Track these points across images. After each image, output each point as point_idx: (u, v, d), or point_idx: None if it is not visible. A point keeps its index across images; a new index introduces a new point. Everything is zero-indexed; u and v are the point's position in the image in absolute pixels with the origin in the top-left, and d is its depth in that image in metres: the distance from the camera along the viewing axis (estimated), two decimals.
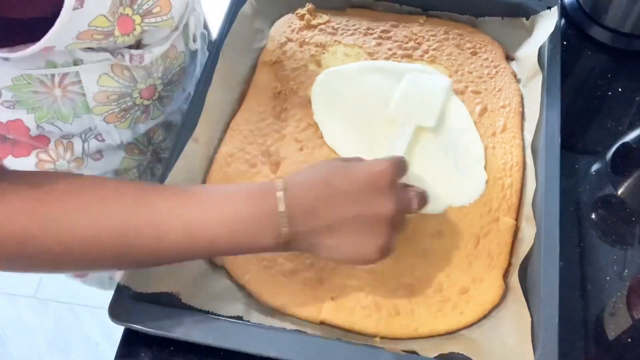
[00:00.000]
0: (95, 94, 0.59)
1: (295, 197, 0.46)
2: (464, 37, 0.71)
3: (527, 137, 0.63)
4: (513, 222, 0.58)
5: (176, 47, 0.64)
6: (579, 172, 0.67)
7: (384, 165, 0.47)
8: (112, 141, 0.67)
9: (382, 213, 0.46)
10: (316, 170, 0.49)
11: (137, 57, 0.58)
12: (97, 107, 0.61)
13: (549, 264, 0.52)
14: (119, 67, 0.59)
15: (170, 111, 0.71)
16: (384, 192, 0.46)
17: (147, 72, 0.62)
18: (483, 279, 0.54)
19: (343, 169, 0.48)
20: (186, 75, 0.70)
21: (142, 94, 0.64)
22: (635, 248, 0.61)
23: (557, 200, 0.55)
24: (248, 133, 0.63)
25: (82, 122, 0.62)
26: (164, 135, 0.74)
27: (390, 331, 0.52)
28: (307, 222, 0.46)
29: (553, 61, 0.65)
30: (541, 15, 0.68)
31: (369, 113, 0.65)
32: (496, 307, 0.53)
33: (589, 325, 0.57)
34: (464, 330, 0.53)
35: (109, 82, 0.59)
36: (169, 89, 0.68)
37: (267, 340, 0.49)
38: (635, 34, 0.76)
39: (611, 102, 0.72)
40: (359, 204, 0.46)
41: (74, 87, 0.58)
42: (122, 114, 0.64)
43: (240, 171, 0.61)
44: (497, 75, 0.68)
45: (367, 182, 0.46)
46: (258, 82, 0.68)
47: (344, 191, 0.46)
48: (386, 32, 0.72)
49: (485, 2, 0.71)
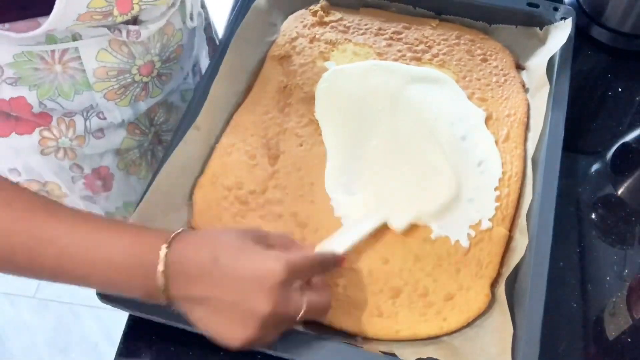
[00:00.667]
0: (94, 69, 0.61)
1: (177, 262, 0.44)
2: (475, 43, 0.71)
3: (530, 148, 0.62)
4: (506, 233, 0.57)
5: (173, 24, 0.65)
6: (579, 172, 0.67)
7: (276, 266, 0.44)
8: (114, 119, 0.68)
9: (256, 310, 0.44)
10: (210, 239, 0.47)
11: (133, 33, 0.59)
12: (97, 83, 0.62)
13: (537, 277, 0.51)
14: (117, 42, 0.60)
15: (170, 90, 0.73)
16: (265, 291, 0.43)
17: (145, 48, 0.63)
18: (470, 286, 0.54)
19: (236, 250, 0.45)
20: (184, 54, 0.71)
21: (140, 70, 0.65)
22: (635, 248, 0.61)
23: (552, 213, 0.54)
24: (250, 125, 0.64)
25: (82, 99, 0.63)
26: (165, 117, 0.75)
27: (371, 331, 0.52)
28: (183, 288, 0.44)
29: (562, 73, 0.64)
30: (555, 26, 0.68)
31: (370, 118, 0.64)
32: (481, 316, 0.53)
33: (589, 325, 0.57)
34: (446, 337, 0.52)
35: (107, 58, 0.61)
36: (168, 66, 0.69)
37: None
38: (635, 34, 0.76)
39: (611, 102, 0.72)
40: (236, 293, 0.44)
41: (74, 63, 0.60)
42: (121, 91, 0.65)
43: (239, 162, 0.61)
44: (506, 83, 0.67)
45: (252, 276, 0.44)
46: (265, 76, 0.68)
47: (226, 274, 0.44)
48: (397, 33, 0.72)
49: (500, 9, 0.70)
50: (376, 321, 0.53)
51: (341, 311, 0.53)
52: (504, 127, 0.64)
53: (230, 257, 0.45)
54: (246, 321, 0.44)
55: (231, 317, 0.44)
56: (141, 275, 0.44)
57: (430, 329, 0.52)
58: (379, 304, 0.53)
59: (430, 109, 0.65)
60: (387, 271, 0.55)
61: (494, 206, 0.58)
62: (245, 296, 0.44)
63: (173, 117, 0.77)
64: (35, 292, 1.49)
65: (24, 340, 1.45)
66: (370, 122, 0.64)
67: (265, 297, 0.43)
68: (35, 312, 1.48)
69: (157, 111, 0.74)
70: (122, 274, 0.44)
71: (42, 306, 1.49)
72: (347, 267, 0.55)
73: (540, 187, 0.56)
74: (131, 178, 0.77)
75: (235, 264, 0.44)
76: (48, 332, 1.46)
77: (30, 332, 1.46)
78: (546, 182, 0.56)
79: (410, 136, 0.63)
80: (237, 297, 0.44)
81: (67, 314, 1.48)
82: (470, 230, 0.57)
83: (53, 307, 1.49)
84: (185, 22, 0.68)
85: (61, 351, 1.43)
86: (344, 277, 0.55)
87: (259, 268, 0.44)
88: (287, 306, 0.45)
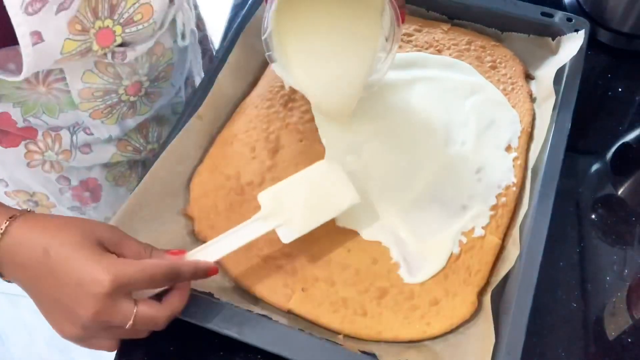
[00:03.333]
0: (79, 90, 0.60)
1: (9, 244, 0.44)
2: (485, 50, 0.70)
3: (532, 158, 0.61)
4: (498, 242, 0.57)
5: (163, 44, 0.64)
6: (579, 172, 0.66)
7: (102, 277, 0.43)
8: (100, 135, 0.67)
9: (76, 313, 0.43)
10: (50, 228, 0.45)
11: (119, 55, 0.58)
12: (82, 103, 0.61)
13: (524, 289, 0.51)
14: (103, 64, 0.59)
15: (160, 106, 0.71)
16: (88, 299, 0.43)
17: (132, 69, 0.62)
18: (457, 293, 0.54)
19: (71, 249, 0.44)
20: (175, 71, 0.70)
21: (127, 90, 0.64)
22: (635, 248, 0.61)
23: (545, 226, 0.54)
24: (253, 117, 0.64)
25: (68, 116, 0.62)
26: (158, 131, 0.74)
27: (354, 330, 0.52)
28: (12, 271, 0.45)
29: (570, 85, 0.63)
30: (568, 37, 0.67)
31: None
32: (465, 323, 0.53)
33: (589, 325, 0.57)
34: (428, 341, 0.52)
35: (93, 79, 0.60)
36: (156, 85, 0.68)
37: (229, 320, 0.50)
38: (635, 34, 0.76)
39: (611, 102, 0.72)
40: (59, 292, 0.44)
41: (59, 84, 0.58)
42: (108, 110, 0.64)
43: (239, 153, 0.62)
44: (512, 92, 0.67)
45: (76, 281, 0.43)
46: (273, 70, 0.68)
47: (53, 270, 0.44)
48: (408, 35, 0.71)
49: (513, 17, 0.70)
50: (360, 320, 0.53)
51: (326, 308, 0.53)
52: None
53: (61, 255, 0.44)
54: (70, 319, 0.44)
55: (56, 311, 0.45)
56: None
57: (412, 333, 0.52)
58: (364, 303, 0.53)
59: (423, 109, 0.64)
60: (375, 271, 0.55)
61: (489, 215, 0.58)
62: (67, 298, 0.43)
63: (166, 130, 0.75)
64: None
65: (24, 340, 1.45)
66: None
67: (86, 304, 0.43)
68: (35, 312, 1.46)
69: (149, 127, 0.72)
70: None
71: None
72: (337, 264, 0.55)
73: (537, 200, 0.56)
74: (120, 189, 0.76)
75: (65, 263, 0.43)
76: (48, 332, 1.45)
77: (30, 332, 1.46)
78: (543, 194, 0.56)
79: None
80: (60, 296, 0.44)
81: None
82: (462, 236, 0.57)
83: None
84: (176, 41, 0.66)
85: (61, 351, 1.43)
86: (333, 275, 0.55)
87: (84, 277, 0.43)
88: (110, 315, 0.43)
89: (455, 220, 0.57)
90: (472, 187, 0.60)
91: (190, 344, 0.54)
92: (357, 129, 0.63)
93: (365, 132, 0.63)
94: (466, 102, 0.65)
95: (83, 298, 0.43)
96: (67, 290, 0.43)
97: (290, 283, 0.54)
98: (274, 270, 0.55)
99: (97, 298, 0.43)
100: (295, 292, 0.54)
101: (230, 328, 0.50)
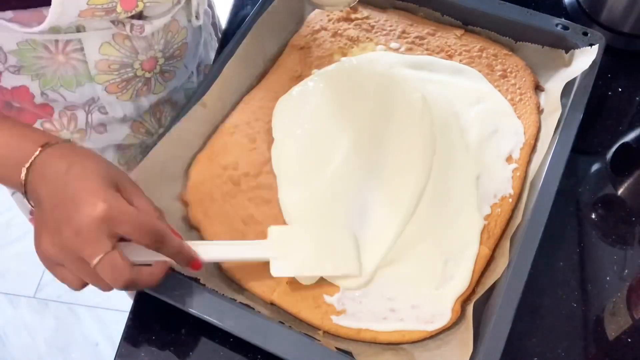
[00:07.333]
0: (96, 61, 0.61)
1: (40, 162, 0.48)
2: (497, 58, 0.69)
3: (532, 170, 0.61)
4: (488, 252, 0.56)
5: (178, 22, 0.66)
6: (579, 172, 0.66)
7: (98, 203, 0.44)
8: (115, 114, 0.68)
9: (61, 230, 0.45)
10: (78, 154, 0.49)
11: (137, 28, 0.60)
12: (98, 75, 0.63)
13: (508, 301, 0.50)
14: (121, 36, 0.61)
15: (173, 87, 0.73)
16: (77, 216, 0.44)
17: (148, 43, 0.63)
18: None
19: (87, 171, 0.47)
20: (188, 52, 0.71)
21: (143, 65, 0.65)
22: (635, 248, 0.61)
23: (536, 241, 0.53)
24: (257, 109, 0.65)
25: (84, 90, 0.64)
26: (172, 116, 0.75)
27: (333, 327, 0.53)
28: (34, 185, 0.48)
29: (579, 99, 0.63)
30: (581, 50, 0.66)
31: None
32: (446, 330, 0.53)
33: (589, 325, 0.57)
34: (407, 345, 0.52)
35: (110, 51, 0.61)
36: (171, 63, 0.69)
37: (211, 306, 0.51)
38: (635, 34, 0.76)
39: (611, 102, 0.72)
40: (60, 204, 0.46)
41: (77, 54, 0.60)
42: (123, 85, 0.66)
43: (240, 144, 0.62)
44: (520, 102, 0.66)
45: (78, 198, 0.45)
46: (282, 63, 0.69)
47: (67, 184, 0.46)
48: (420, 38, 0.71)
49: (528, 28, 0.69)
50: (340, 318, 0.53)
51: (308, 303, 0.53)
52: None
53: (78, 174, 0.46)
54: (51, 234, 0.46)
55: (47, 223, 0.46)
56: (12, 166, 0.48)
57: (391, 335, 0.52)
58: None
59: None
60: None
61: (482, 224, 0.57)
62: (61, 211, 0.45)
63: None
64: (35, 292, 1.50)
65: (24, 340, 1.45)
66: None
67: (72, 222, 0.44)
68: (35, 312, 1.48)
69: (163, 111, 0.74)
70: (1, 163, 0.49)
71: (42, 306, 1.49)
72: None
73: (530, 214, 0.55)
74: (131, 174, 0.77)
75: (78, 181, 0.46)
76: (48, 332, 1.46)
77: (30, 332, 1.46)
78: (537, 209, 0.55)
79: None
80: (57, 208, 0.46)
81: (67, 314, 1.48)
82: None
83: (53, 307, 1.49)
84: (190, 20, 0.68)
85: (61, 351, 1.43)
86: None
87: (85, 197, 0.45)
88: (85, 242, 0.44)
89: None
90: (469, 194, 0.59)
91: (190, 345, 0.54)
92: (356, 130, 0.63)
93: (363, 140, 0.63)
94: (471, 110, 0.65)
95: (73, 214, 0.44)
96: (65, 203, 0.45)
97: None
98: (262, 261, 0.55)
99: (83, 220, 0.44)
100: (280, 285, 0.54)
101: (211, 314, 0.50)
